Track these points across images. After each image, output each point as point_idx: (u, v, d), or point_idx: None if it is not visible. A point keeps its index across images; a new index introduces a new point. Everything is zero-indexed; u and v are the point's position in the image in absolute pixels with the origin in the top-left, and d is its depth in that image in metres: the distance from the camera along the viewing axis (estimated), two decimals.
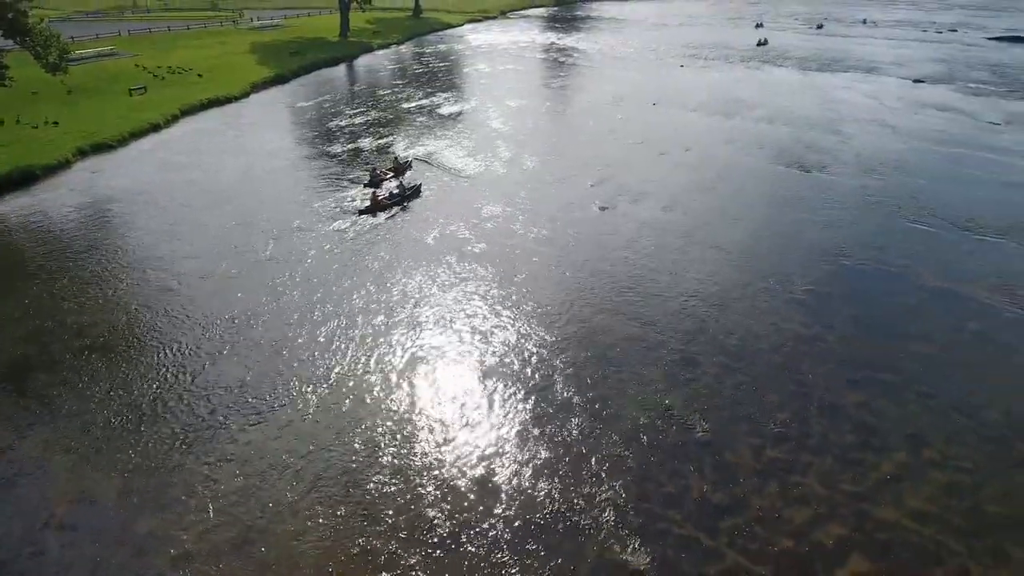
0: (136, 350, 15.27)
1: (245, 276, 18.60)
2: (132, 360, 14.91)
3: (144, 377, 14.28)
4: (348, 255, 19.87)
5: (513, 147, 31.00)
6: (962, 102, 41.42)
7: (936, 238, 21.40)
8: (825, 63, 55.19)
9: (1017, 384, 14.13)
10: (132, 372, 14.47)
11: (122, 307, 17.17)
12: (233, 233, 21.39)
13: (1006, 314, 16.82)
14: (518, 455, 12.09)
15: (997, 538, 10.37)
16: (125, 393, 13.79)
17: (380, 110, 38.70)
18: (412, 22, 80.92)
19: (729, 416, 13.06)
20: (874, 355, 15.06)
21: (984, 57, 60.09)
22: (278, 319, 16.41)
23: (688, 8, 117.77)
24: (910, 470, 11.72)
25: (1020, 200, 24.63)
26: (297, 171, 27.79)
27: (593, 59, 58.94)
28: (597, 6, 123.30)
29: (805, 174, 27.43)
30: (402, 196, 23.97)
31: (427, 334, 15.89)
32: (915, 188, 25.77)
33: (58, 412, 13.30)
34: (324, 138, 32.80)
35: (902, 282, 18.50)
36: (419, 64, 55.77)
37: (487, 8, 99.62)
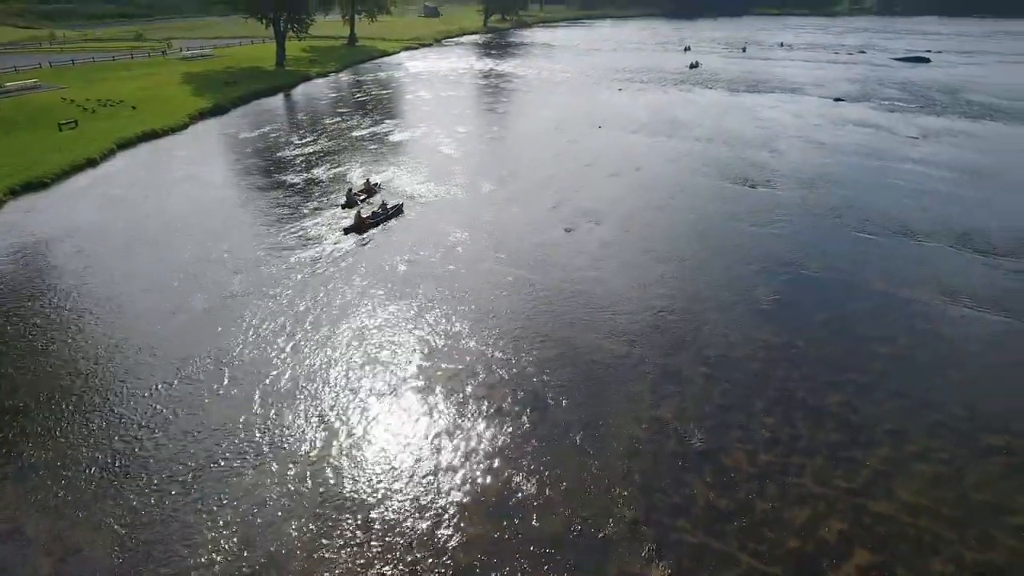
0: (105, 397, 14.41)
1: (214, 312, 17.90)
2: (106, 409, 14.07)
3: (119, 424, 13.50)
4: (317, 285, 19.43)
5: (469, 172, 31.23)
6: (880, 118, 44.55)
7: (877, 245, 22.83)
8: (752, 84, 58.34)
9: (972, 377, 15.17)
10: (107, 420, 13.65)
11: (85, 351, 16.19)
12: (193, 268, 20.56)
13: (951, 313, 18.09)
14: (523, 477, 12.06)
15: (983, 525, 11.06)
16: (104, 442, 12.99)
17: (329, 139, 38.24)
18: (348, 50, 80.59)
19: (720, 424, 13.46)
20: (843, 358, 15.88)
21: (892, 76, 64.93)
22: (256, 357, 15.86)
23: (614, 33, 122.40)
24: (896, 464, 12.37)
25: (944, 207, 26.63)
26: (251, 202, 27.04)
27: (533, 84, 60.22)
28: (526, 32, 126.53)
29: (751, 189, 28.79)
30: (385, 215, 24.33)
31: (415, 362, 15.69)
32: (851, 199, 27.46)
33: (30, 466, 12.38)
34: (275, 168, 32.11)
35: (855, 288, 19.62)
36: (361, 92, 55.52)
37: (421, 36, 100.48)
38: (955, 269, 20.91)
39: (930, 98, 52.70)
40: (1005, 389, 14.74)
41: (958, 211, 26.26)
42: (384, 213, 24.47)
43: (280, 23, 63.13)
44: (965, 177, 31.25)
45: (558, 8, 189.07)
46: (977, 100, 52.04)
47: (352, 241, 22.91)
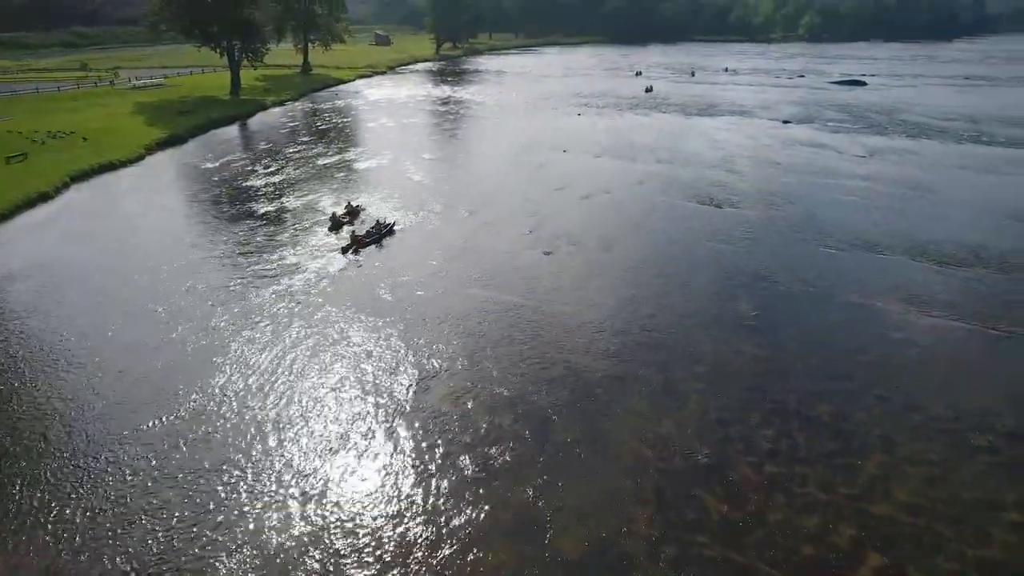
0: (95, 441, 13.79)
1: (201, 346, 17.38)
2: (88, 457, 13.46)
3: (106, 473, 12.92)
4: (304, 314, 19.10)
5: (442, 198, 31.34)
6: (827, 138, 46.82)
7: (841, 259, 23.90)
8: (704, 108, 60.58)
9: (947, 380, 15.97)
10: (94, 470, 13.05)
11: (56, 395, 15.47)
12: (171, 302, 19.93)
13: (922, 321, 19.04)
14: (535, 498, 12.06)
15: (977, 521, 11.60)
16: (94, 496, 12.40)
17: (295, 167, 37.84)
18: (303, 79, 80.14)
19: (722, 438, 13.79)
20: (826, 368, 16.52)
21: (832, 99, 68.39)
22: (248, 388, 15.46)
23: (563, 60, 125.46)
24: (890, 468, 12.89)
25: (897, 220, 28.11)
26: (223, 233, 26.44)
27: (493, 110, 61.05)
28: (478, 60, 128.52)
29: (717, 209, 29.78)
30: (379, 235, 24.96)
31: (413, 387, 15.55)
32: (811, 216, 28.71)
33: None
34: (242, 198, 31.54)
35: (827, 300, 20.47)
36: (321, 120, 55.20)
37: (374, 64, 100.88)
38: (916, 279, 22.05)
39: (870, 119, 55.68)
40: (979, 390, 15.56)
41: (909, 224, 27.74)
42: (378, 232, 25.14)
43: (235, 52, 62.43)
44: (911, 192, 33.06)
45: (507, 36, 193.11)
46: (912, 120, 55.25)
47: (335, 267, 22.70)
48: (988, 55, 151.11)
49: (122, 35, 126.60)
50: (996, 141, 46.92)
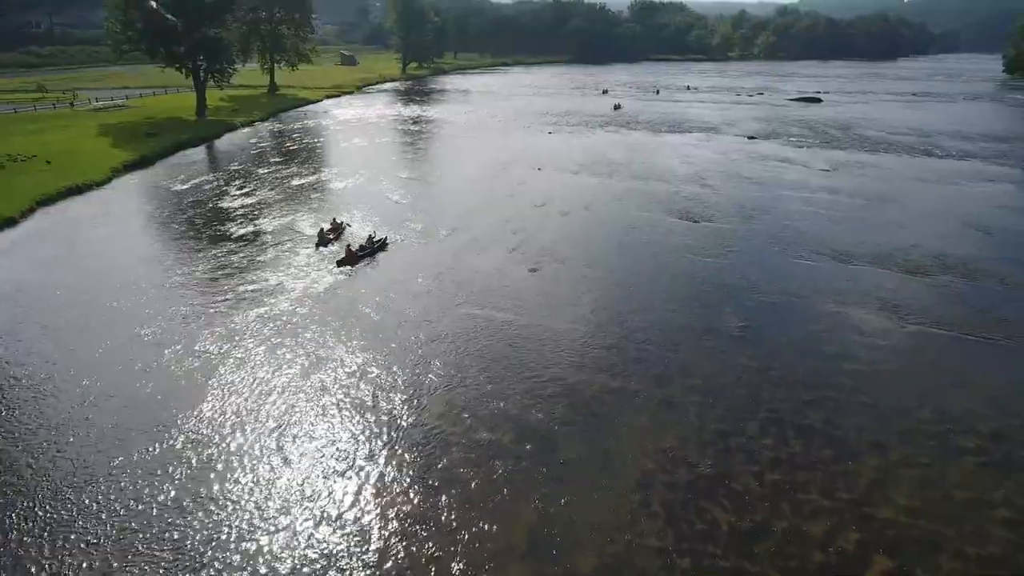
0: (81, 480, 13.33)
1: (190, 370, 16.96)
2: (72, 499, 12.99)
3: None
4: (291, 334, 18.83)
5: (422, 217, 31.32)
6: (792, 153, 48.38)
7: (818, 269, 24.66)
8: (672, 125, 62.02)
9: (930, 385, 16.57)
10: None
11: (40, 425, 14.91)
12: (155, 324, 19.42)
13: (899, 328, 19.74)
14: (546, 515, 12.08)
15: (973, 520, 12.04)
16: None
17: (269, 189, 37.39)
18: (270, 99, 79.38)
19: (723, 449, 14.04)
20: (815, 376, 16.98)
21: (792, 115, 70.74)
22: (245, 412, 15.15)
23: (530, 79, 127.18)
24: (885, 472, 13.30)
25: (865, 231, 29.17)
26: (201, 256, 25.89)
27: (465, 129, 61.40)
28: (445, 79, 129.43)
29: (695, 224, 30.45)
30: (372, 249, 25.59)
31: (412, 406, 15.45)
32: (785, 228, 29.59)
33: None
34: (218, 221, 31.01)
35: (809, 310, 21.09)
36: (292, 141, 54.71)
37: (342, 83, 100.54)
38: (888, 286, 22.89)
39: (829, 134, 57.75)
40: (958, 394, 16.19)
41: (876, 234, 28.81)
42: (371, 247, 25.72)
43: (200, 72, 61.61)
44: (875, 203, 34.38)
45: (472, 56, 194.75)
46: (868, 135, 57.50)
47: (320, 286, 22.46)
48: (931, 73, 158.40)
49: (78, 55, 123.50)
50: (947, 154, 49.15)
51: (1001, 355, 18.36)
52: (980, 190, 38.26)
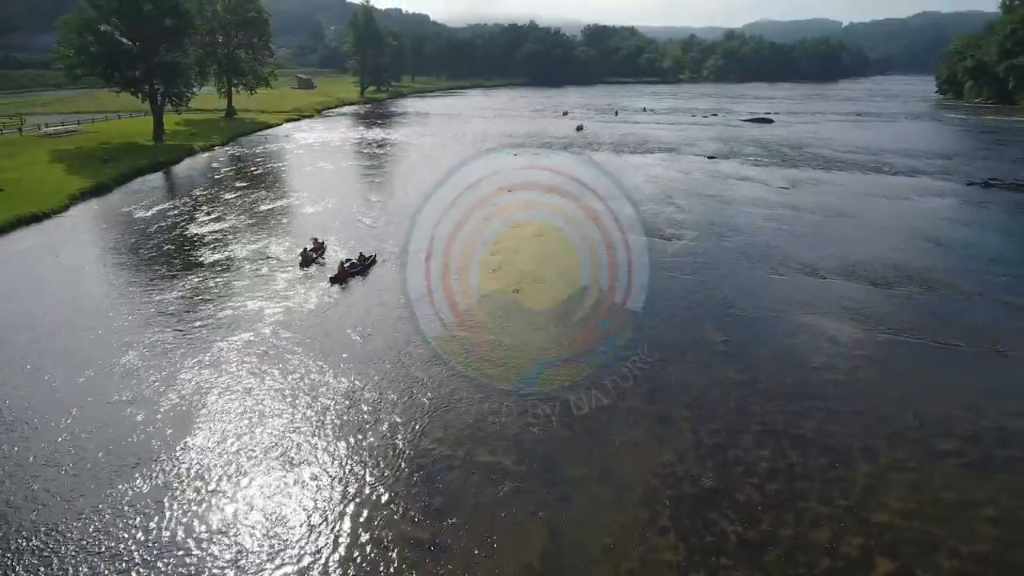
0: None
1: (175, 402, 16.45)
2: None
3: None
4: (277, 360, 18.48)
5: (398, 240, 31.22)
6: (752, 172, 50.07)
7: (790, 283, 25.52)
8: (634, 145, 63.50)
9: (908, 391, 17.27)
10: None
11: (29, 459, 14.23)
12: (134, 353, 18.78)
13: (874, 339, 20.56)
14: (557, 535, 12.12)
15: (963, 520, 12.58)
16: None
17: (237, 214, 36.73)
18: (228, 123, 78.19)
19: (721, 462, 14.35)
20: (801, 387, 17.54)
21: (747, 135, 73.27)
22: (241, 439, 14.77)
23: (489, 102, 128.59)
24: (877, 478, 13.79)
25: (828, 245, 30.34)
26: (171, 282, 25.15)
27: (430, 151, 61.61)
28: (404, 102, 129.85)
29: (667, 241, 31.18)
30: (363, 266, 26.36)
31: (412, 430, 15.32)
32: (753, 244, 30.57)
33: None
34: (187, 248, 30.27)
35: (787, 322, 21.79)
36: (255, 165, 53.92)
37: (300, 107, 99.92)
38: (857, 298, 23.85)
39: (783, 153, 60.02)
40: (934, 399, 16.91)
41: (840, 248, 30.01)
42: (362, 264, 26.49)
43: (158, 96, 60.37)
44: (834, 219, 35.86)
45: (429, 79, 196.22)
46: (820, 153, 59.98)
47: (301, 311, 22.12)
48: (871, 93, 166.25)
49: (22, 79, 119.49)
50: (896, 171, 51.62)
51: (967, 361, 19.29)
52: (929, 204, 40.28)
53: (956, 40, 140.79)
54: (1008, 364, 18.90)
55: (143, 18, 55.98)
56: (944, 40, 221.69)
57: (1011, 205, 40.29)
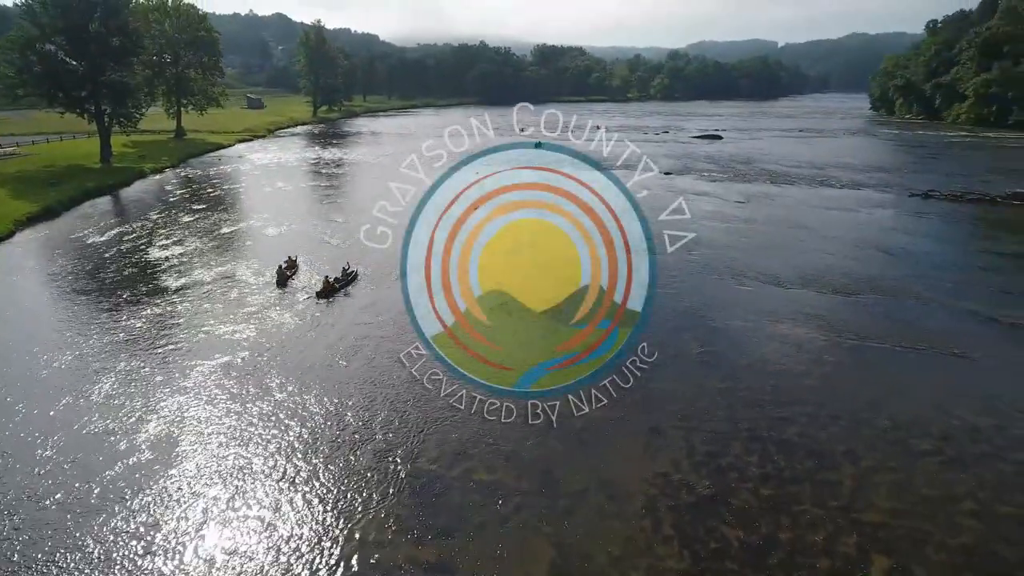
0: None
1: (154, 434, 15.84)
2: None
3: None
4: (259, 386, 18.04)
5: (368, 261, 30.91)
6: (707, 187, 51.63)
7: (757, 294, 26.40)
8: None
9: (879, 394, 18.07)
10: None
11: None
12: (107, 382, 18.02)
13: (841, 345, 21.45)
14: (564, 548, 12.19)
15: (945, 514, 13.23)
16: None
17: (198, 238, 35.73)
18: (178, 144, 76.09)
19: (715, 469, 14.70)
20: (779, 394, 18.13)
21: (699, 151, 75.56)
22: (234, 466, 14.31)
23: (443, 121, 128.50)
24: (862, 478, 14.36)
25: (788, 256, 31.57)
26: (138, 309, 24.25)
27: (390, 170, 61.09)
28: (358, 122, 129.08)
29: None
30: (347, 281, 26.95)
31: (408, 456, 15.17)
32: (718, 256, 31.50)
33: None
34: (149, 273, 29.24)
35: (759, 332, 22.51)
36: (211, 187, 52.59)
37: (252, 127, 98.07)
38: (823, 307, 24.84)
39: (736, 168, 62.13)
40: (905, 401, 17.74)
41: (799, 259, 31.26)
42: (345, 279, 27.03)
43: (105, 117, 58.39)
44: (791, 231, 37.30)
45: (381, 98, 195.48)
46: (769, 168, 62.34)
47: (276, 334, 21.65)
48: (810, 111, 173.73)
49: None
50: (842, 184, 54.08)
51: (929, 363, 20.31)
52: (875, 215, 42.34)
53: (886, 60, 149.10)
54: (968, 365, 19.98)
55: (89, 37, 54.19)
56: (874, 59, 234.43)
57: (950, 215, 42.70)
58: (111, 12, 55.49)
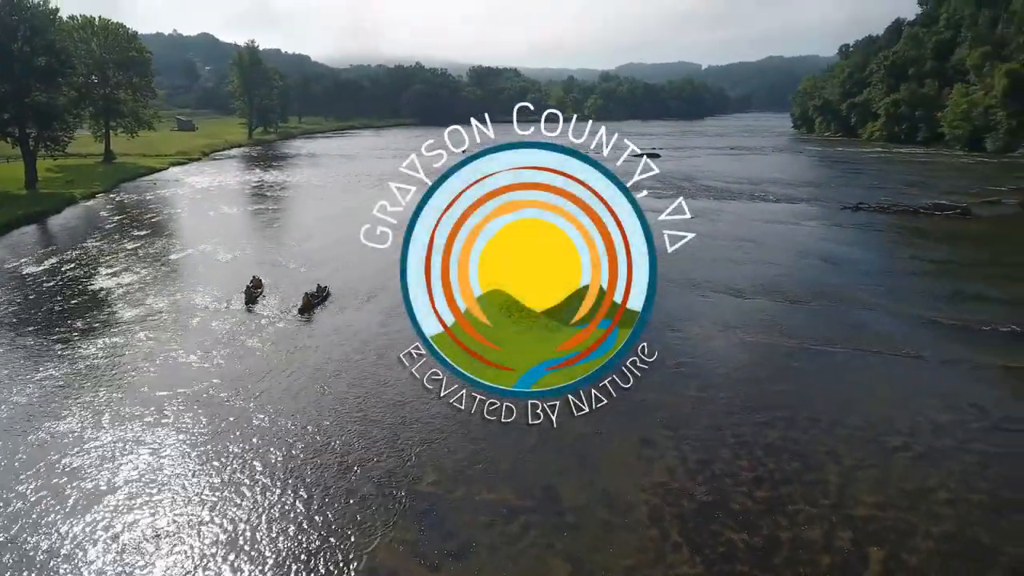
0: None
1: (133, 480, 15.06)
2: None
3: None
4: (240, 420, 17.45)
5: (332, 282, 30.40)
6: (652, 203, 52.93)
7: (718, 304, 27.44)
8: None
9: (848, 396, 19.12)
10: None
11: None
12: (75, 420, 16.99)
13: (804, 351, 22.58)
14: (584, 564, 12.33)
15: (926, 506, 14.09)
16: None
17: (144, 265, 34.21)
18: (109, 168, 72.71)
19: (709, 475, 15.19)
20: (756, 400, 18.89)
21: (638, 170, 77.83)
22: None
23: (384, 141, 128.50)
24: (845, 476, 15.13)
25: (744, 268, 33.01)
26: (89, 342, 23.01)
27: (337, 192, 60.63)
28: (296, 143, 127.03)
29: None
30: (322, 297, 27.57)
31: (403, 480, 14.98)
32: (675, 269, 32.07)
33: None
34: (97, 304, 27.78)
35: (727, 341, 23.43)
36: (151, 212, 50.45)
37: (186, 150, 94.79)
38: (782, 315, 26.08)
39: (678, 185, 64.38)
40: (872, 400, 18.79)
41: (752, 270, 32.73)
42: (320, 295, 27.62)
43: (29, 140, 55.27)
44: (740, 244, 38.99)
45: (317, 119, 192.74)
46: (710, 185, 65.00)
47: (253, 359, 20.96)
48: (736, 129, 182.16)
49: None
50: (778, 198, 56.97)
51: (887, 364, 21.63)
52: (813, 227, 44.83)
53: (804, 81, 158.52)
54: (921, 365, 21.40)
55: (12, 57, 51.40)
56: (790, 80, 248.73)
57: (879, 225, 45.65)
58: (36, 31, 52.90)
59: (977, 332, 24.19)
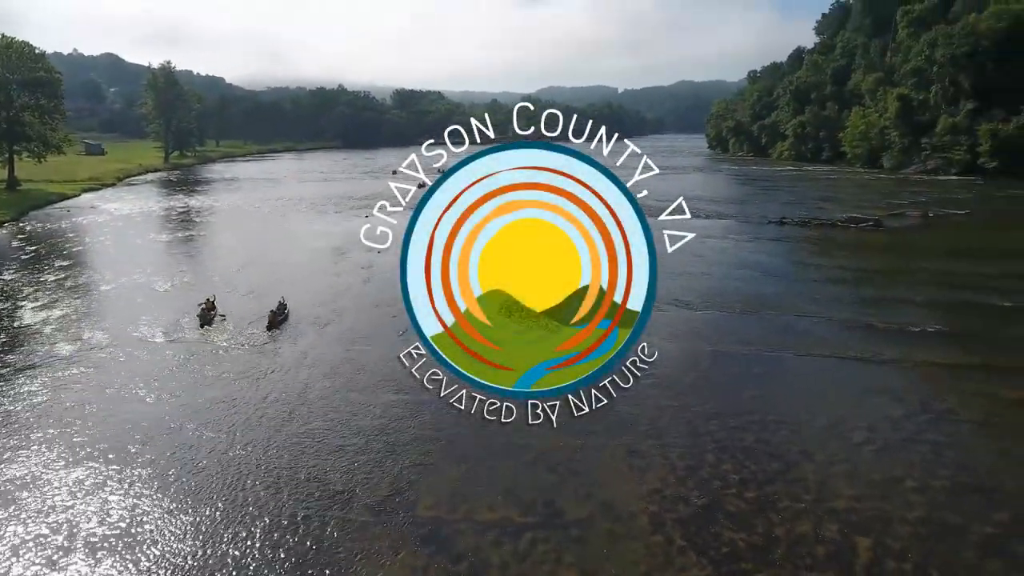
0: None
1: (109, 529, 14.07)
2: None
3: None
4: (217, 464, 16.64)
5: (291, 305, 29.53)
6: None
7: (673, 317, 28.34)
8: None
9: (809, 398, 20.35)
10: None
11: None
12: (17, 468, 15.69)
13: (762, 356, 23.84)
14: (591, 572, 12.55)
15: (898, 493, 15.14)
16: None
17: (74, 297, 32.00)
18: (14, 196, 67.45)
19: (700, 480, 15.77)
20: (727, 406, 19.75)
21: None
22: None
23: (308, 165, 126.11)
24: (821, 472, 16.07)
25: (693, 281, 34.38)
26: (28, 379, 21.31)
27: (269, 217, 58.90)
28: (216, 167, 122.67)
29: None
30: (284, 315, 27.62)
31: (402, 501, 14.73)
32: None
33: None
34: (30, 342, 25.72)
35: (689, 351, 24.28)
36: (69, 242, 47.19)
37: (98, 175, 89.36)
38: (736, 325, 27.45)
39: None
40: (831, 401, 20.05)
41: (702, 283, 34.18)
42: (282, 313, 27.70)
43: None
44: (680, 258, 40.34)
45: (236, 142, 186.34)
46: (644, 203, 67.22)
47: (200, 396, 20.02)
48: (655, 150, 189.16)
49: None
50: (708, 215, 59.53)
51: (836, 366, 23.15)
52: (745, 242, 47.31)
53: (715, 104, 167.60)
54: (868, 366, 22.99)
55: None
56: (701, 103, 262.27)
57: (803, 238, 48.77)
58: None
59: (908, 333, 26.26)
